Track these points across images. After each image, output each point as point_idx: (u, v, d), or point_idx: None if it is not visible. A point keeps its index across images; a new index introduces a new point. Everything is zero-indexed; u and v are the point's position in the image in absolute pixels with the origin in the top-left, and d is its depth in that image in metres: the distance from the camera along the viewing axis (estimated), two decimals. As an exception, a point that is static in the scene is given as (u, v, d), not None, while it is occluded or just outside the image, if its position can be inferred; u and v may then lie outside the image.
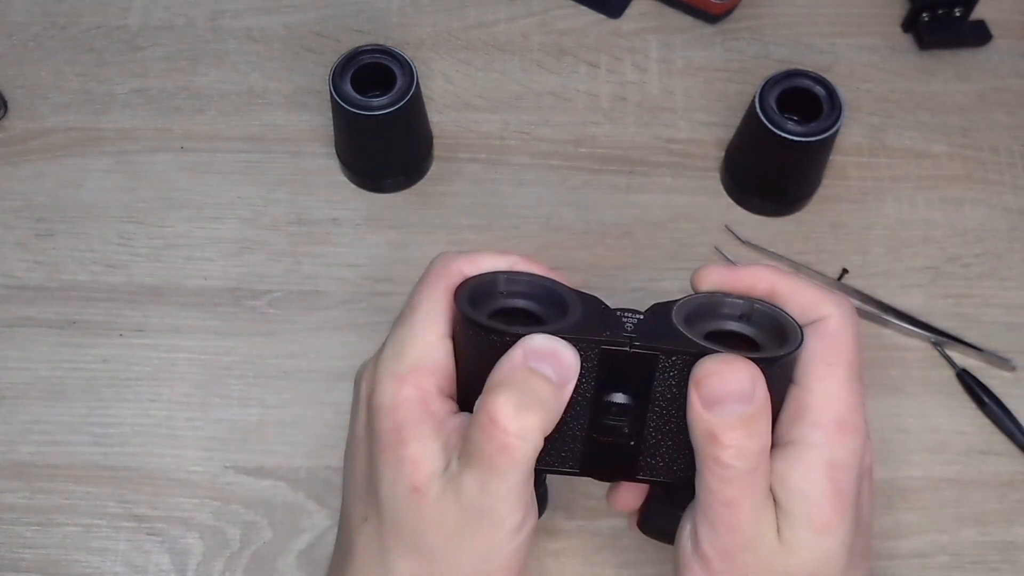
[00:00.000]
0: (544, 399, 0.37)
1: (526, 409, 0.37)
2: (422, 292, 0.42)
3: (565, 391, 0.38)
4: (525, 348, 0.38)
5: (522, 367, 0.37)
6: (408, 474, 0.38)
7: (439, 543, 0.39)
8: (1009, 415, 0.56)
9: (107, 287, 0.60)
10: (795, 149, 0.56)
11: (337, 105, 0.56)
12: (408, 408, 0.39)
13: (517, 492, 0.38)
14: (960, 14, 0.66)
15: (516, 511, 0.38)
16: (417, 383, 0.40)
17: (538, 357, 0.37)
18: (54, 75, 0.66)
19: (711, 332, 0.42)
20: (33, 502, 0.55)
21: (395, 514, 0.39)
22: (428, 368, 0.40)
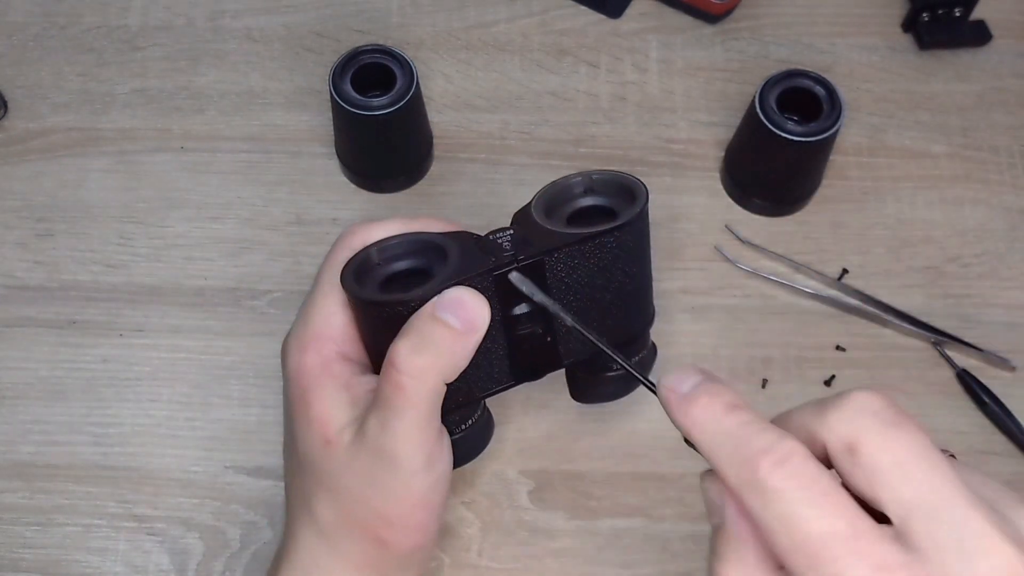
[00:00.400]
0: (440, 344, 0.40)
1: (420, 352, 0.40)
2: (323, 266, 0.45)
3: (470, 337, 0.40)
4: (436, 301, 0.40)
5: (427, 316, 0.40)
6: (318, 431, 0.42)
7: (352, 485, 0.42)
8: (1009, 415, 0.56)
9: (107, 287, 0.60)
10: (795, 149, 0.56)
11: (337, 105, 0.56)
12: (310, 373, 0.43)
13: (416, 432, 0.40)
14: (960, 14, 0.66)
15: (418, 451, 0.41)
16: (318, 349, 0.43)
17: (443, 307, 0.40)
18: (54, 75, 0.66)
19: (570, 214, 0.45)
20: (33, 502, 0.55)
21: (311, 465, 0.43)
22: (327, 335, 0.43)
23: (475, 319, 0.41)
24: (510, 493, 0.55)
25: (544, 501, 0.55)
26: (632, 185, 0.45)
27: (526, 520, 0.54)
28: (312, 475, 0.43)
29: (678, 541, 0.54)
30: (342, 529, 0.43)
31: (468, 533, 0.54)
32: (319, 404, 0.42)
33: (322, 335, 0.43)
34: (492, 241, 0.43)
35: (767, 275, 0.60)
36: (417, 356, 0.40)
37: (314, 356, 0.43)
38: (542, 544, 0.54)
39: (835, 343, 0.58)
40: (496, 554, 0.53)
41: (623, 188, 0.46)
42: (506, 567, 0.53)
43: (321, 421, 0.42)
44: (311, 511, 0.43)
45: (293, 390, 0.43)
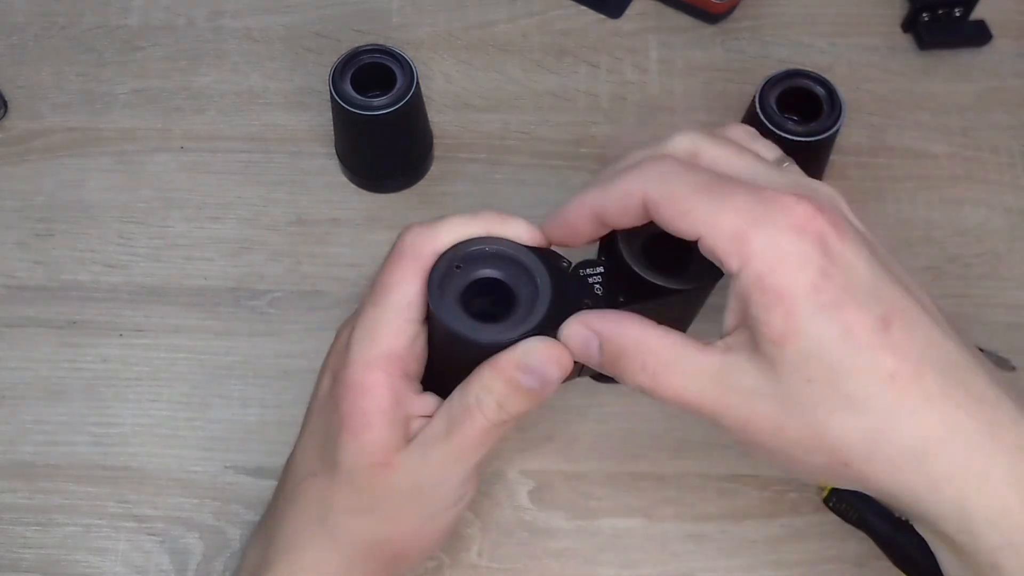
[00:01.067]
0: (523, 405, 0.40)
1: (506, 411, 0.40)
2: (394, 273, 0.42)
3: (547, 391, 0.40)
4: (521, 362, 0.39)
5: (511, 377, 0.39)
6: (371, 453, 0.41)
7: (391, 507, 0.42)
8: (1009, 415, 0.56)
9: (107, 287, 0.60)
10: (795, 149, 0.56)
11: (337, 105, 0.56)
12: (376, 394, 0.41)
13: (475, 470, 0.42)
14: (960, 14, 0.66)
15: (464, 485, 0.42)
16: (387, 368, 0.41)
17: (527, 371, 0.39)
18: (54, 75, 0.66)
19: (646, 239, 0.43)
20: (33, 502, 0.55)
21: (352, 482, 0.42)
22: (396, 353, 0.41)
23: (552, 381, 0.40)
24: (510, 493, 0.55)
25: (544, 501, 0.55)
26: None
27: (526, 520, 0.54)
28: (348, 488, 0.42)
29: (678, 541, 0.54)
30: (362, 544, 0.43)
31: (468, 533, 0.54)
32: (380, 430, 0.41)
33: (391, 353, 0.41)
34: (583, 279, 0.42)
35: (767, 275, 0.60)
36: (502, 413, 0.40)
37: (381, 376, 0.41)
38: (542, 544, 0.54)
39: (835, 343, 0.58)
40: (496, 554, 0.53)
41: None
42: (506, 567, 0.53)
43: (380, 446, 0.41)
44: (332, 520, 0.43)
45: (352, 404, 0.41)
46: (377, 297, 0.42)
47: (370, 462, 0.41)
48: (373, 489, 0.42)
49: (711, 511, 0.54)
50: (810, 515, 0.54)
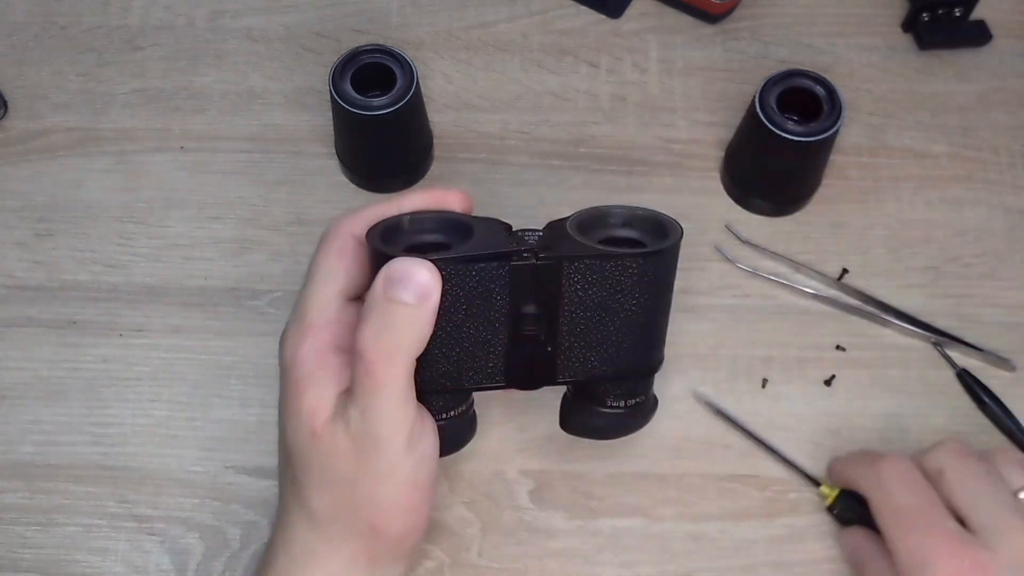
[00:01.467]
0: (400, 322, 0.41)
1: (382, 335, 0.40)
2: (316, 257, 0.45)
3: (425, 307, 0.41)
4: (383, 276, 0.41)
5: (381, 297, 0.40)
6: (306, 421, 0.43)
7: (341, 474, 0.43)
8: (1009, 415, 0.56)
9: (107, 287, 0.60)
10: (795, 149, 0.56)
11: (337, 105, 0.56)
12: (305, 362, 0.43)
13: (394, 412, 0.42)
14: (960, 14, 0.66)
15: (399, 431, 0.42)
16: (313, 339, 0.43)
17: (393, 283, 0.40)
18: (54, 75, 0.66)
19: (602, 239, 0.45)
20: (33, 502, 0.55)
21: (301, 457, 0.43)
22: (322, 324, 0.44)
23: (426, 287, 0.41)
24: (510, 493, 0.55)
25: (544, 501, 0.55)
26: (668, 225, 0.45)
27: (526, 520, 0.54)
28: (301, 466, 0.44)
29: (678, 541, 0.54)
30: (335, 518, 0.44)
31: (468, 533, 0.54)
32: (308, 396, 0.43)
33: (317, 324, 0.44)
34: (519, 235, 0.44)
35: (767, 275, 0.60)
36: (380, 340, 0.41)
37: (309, 346, 0.43)
38: (542, 544, 0.54)
39: (835, 343, 0.58)
40: (496, 554, 0.53)
41: (659, 227, 0.46)
42: (506, 567, 0.53)
43: (309, 412, 0.43)
44: (304, 502, 0.44)
45: (287, 379, 0.44)
46: (305, 281, 0.45)
47: (308, 430, 0.42)
48: (320, 460, 0.43)
49: (711, 511, 0.54)
50: (810, 515, 0.54)
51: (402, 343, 0.41)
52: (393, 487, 0.43)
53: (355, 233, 0.45)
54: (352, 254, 0.45)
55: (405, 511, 0.44)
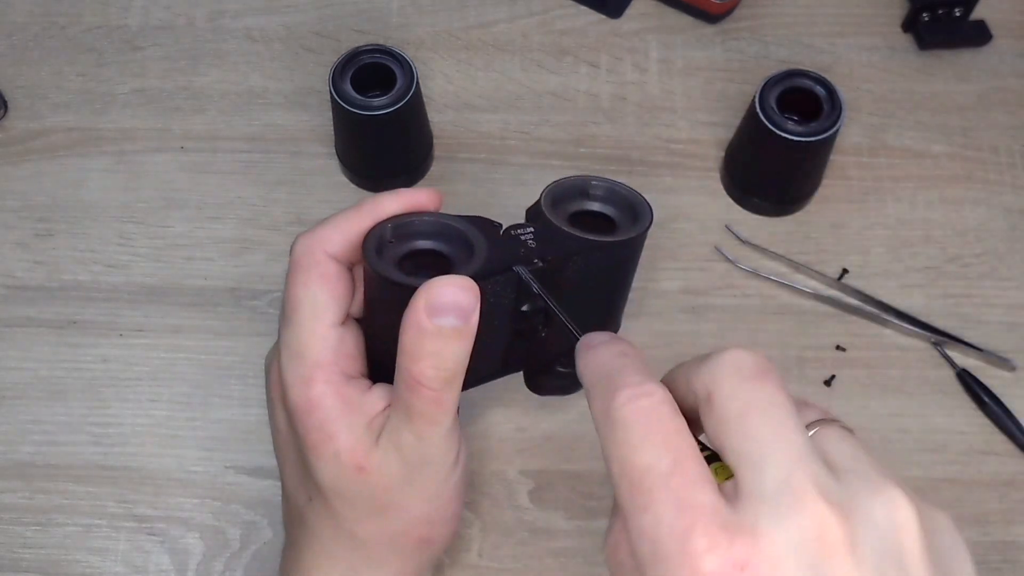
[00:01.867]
0: (453, 347, 0.39)
1: (443, 366, 0.39)
2: (296, 287, 0.42)
3: (471, 325, 0.39)
4: (425, 304, 0.38)
5: (429, 327, 0.38)
6: (348, 461, 0.41)
7: (390, 500, 0.42)
8: (1009, 415, 0.56)
9: (107, 287, 0.60)
10: (795, 149, 0.56)
11: (337, 105, 0.56)
12: (325, 405, 0.41)
13: (450, 434, 0.41)
14: (960, 14, 0.66)
15: (451, 450, 0.42)
16: (325, 378, 0.41)
17: (437, 311, 0.38)
18: (54, 75, 0.66)
19: (572, 213, 0.46)
20: (33, 502, 0.55)
21: (341, 493, 0.42)
22: (328, 360, 0.41)
23: (469, 307, 0.39)
24: (510, 493, 0.55)
25: (544, 501, 0.55)
26: (638, 204, 0.46)
27: (526, 520, 0.54)
28: (342, 501, 0.42)
29: (678, 541, 0.54)
30: (385, 541, 0.43)
31: (468, 533, 0.54)
32: (344, 437, 0.41)
33: (323, 362, 0.41)
34: (515, 237, 0.44)
35: (767, 275, 0.60)
36: (439, 370, 0.39)
37: (323, 387, 0.41)
38: (542, 544, 0.54)
39: (835, 343, 0.58)
40: (496, 554, 0.53)
41: (629, 205, 0.46)
42: (506, 567, 0.53)
43: (350, 452, 0.41)
44: (347, 531, 0.43)
45: (307, 424, 0.41)
46: (289, 315, 0.42)
47: (347, 471, 0.41)
48: (364, 495, 0.42)
49: (711, 511, 0.54)
50: (810, 515, 0.54)
51: (456, 367, 0.40)
52: (443, 502, 0.43)
53: (331, 253, 0.42)
54: (335, 280, 0.42)
55: (451, 520, 0.45)
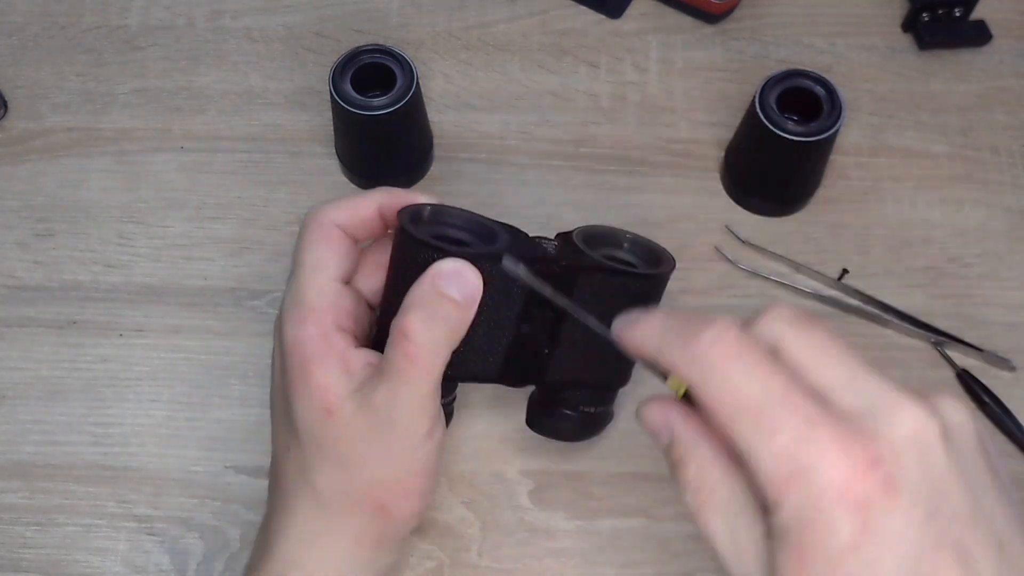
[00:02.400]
0: (448, 316, 0.42)
1: (430, 324, 0.41)
2: (302, 247, 0.45)
3: (469, 309, 0.43)
4: (434, 272, 0.42)
5: (431, 289, 0.42)
6: (319, 400, 0.42)
7: (355, 453, 0.43)
8: (1009, 415, 0.56)
9: (107, 287, 0.60)
10: (795, 149, 0.56)
11: (337, 105, 0.56)
12: (310, 344, 0.43)
13: (423, 401, 0.42)
14: (960, 14, 0.66)
15: (423, 419, 0.42)
16: (316, 321, 0.44)
17: (444, 279, 0.42)
18: (54, 75, 0.66)
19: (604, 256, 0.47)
20: (33, 502, 0.55)
21: (311, 436, 0.43)
22: (323, 308, 0.44)
23: (473, 292, 0.43)
24: (510, 493, 0.55)
25: (544, 501, 0.55)
26: (662, 255, 0.49)
27: (526, 520, 0.54)
28: (312, 445, 0.43)
29: (678, 541, 0.54)
30: (343, 499, 0.44)
31: (468, 533, 0.54)
32: (320, 375, 0.43)
33: (319, 307, 0.44)
34: (538, 242, 0.46)
35: (767, 275, 0.60)
36: (428, 328, 0.41)
37: (313, 328, 0.43)
38: (542, 544, 0.54)
39: (835, 343, 0.58)
40: (496, 554, 0.53)
41: (653, 256, 0.49)
42: (506, 567, 0.53)
43: (322, 391, 0.43)
44: (310, 482, 0.44)
45: (291, 361, 0.44)
46: (294, 270, 0.45)
47: (322, 409, 0.42)
48: (334, 439, 0.43)
49: (711, 511, 0.54)
50: (810, 515, 0.54)
51: (447, 335, 0.42)
52: (407, 470, 0.44)
53: (338, 222, 0.45)
54: (338, 242, 0.45)
55: (414, 494, 0.45)
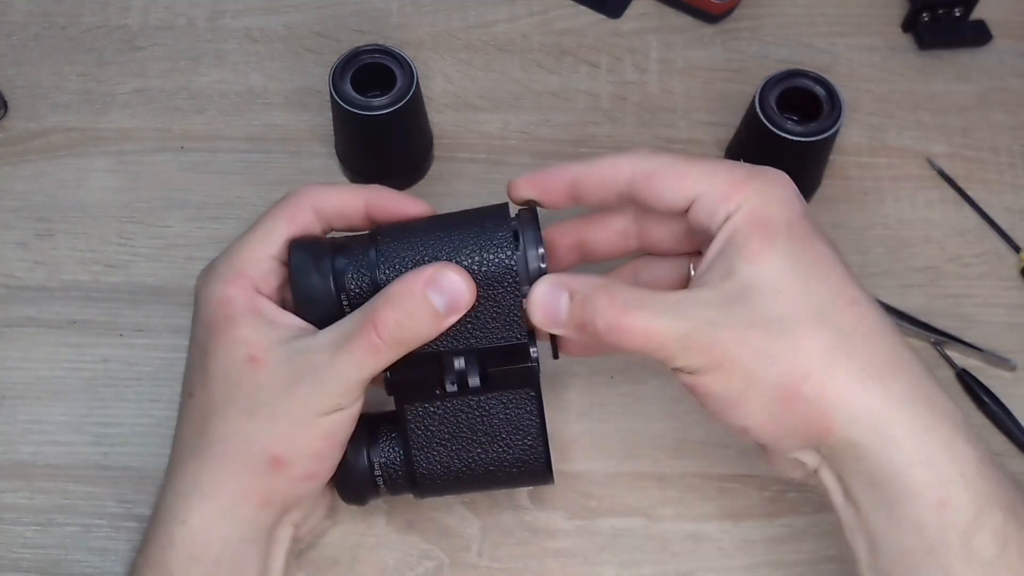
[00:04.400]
0: (424, 324, 0.42)
1: (404, 327, 0.42)
2: (266, 216, 0.46)
3: (448, 320, 0.43)
4: (428, 275, 0.42)
5: (419, 290, 0.42)
6: (242, 348, 0.43)
7: (268, 401, 0.43)
8: (1009, 415, 0.56)
9: (107, 287, 0.60)
10: (795, 149, 0.56)
11: (337, 105, 0.56)
12: (236, 302, 0.44)
13: (361, 383, 0.43)
14: (960, 14, 0.66)
15: (353, 394, 0.43)
16: (244, 286, 0.44)
17: (435, 286, 0.42)
18: (54, 75, 0.66)
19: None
20: (33, 502, 0.55)
21: (226, 382, 0.43)
22: (254, 275, 0.45)
23: (461, 308, 0.43)
24: (510, 493, 0.55)
25: (544, 501, 0.54)
26: None
27: (526, 520, 0.54)
28: (222, 391, 0.44)
29: (678, 541, 0.54)
30: (239, 447, 0.43)
31: (468, 533, 0.54)
32: (246, 326, 0.43)
33: (249, 274, 0.44)
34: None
35: (767, 275, 0.60)
36: (401, 326, 0.42)
37: (237, 290, 0.44)
38: (542, 544, 0.54)
39: (835, 343, 0.58)
40: (496, 554, 0.53)
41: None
42: (506, 567, 0.53)
43: (247, 341, 0.43)
44: (208, 431, 0.44)
45: (216, 314, 0.44)
46: (245, 232, 0.46)
47: (239, 360, 0.43)
48: (245, 385, 0.43)
49: (711, 511, 0.54)
50: (810, 515, 0.54)
51: (412, 337, 0.42)
52: (311, 429, 0.43)
53: (317, 206, 0.46)
54: (300, 225, 0.46)
55: (312, 457, 0.44)
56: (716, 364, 0.40)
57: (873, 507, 0.40)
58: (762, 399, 0.40)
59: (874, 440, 0.39)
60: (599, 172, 0.45)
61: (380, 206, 0.46)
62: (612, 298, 0.41)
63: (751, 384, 0.40)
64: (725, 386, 0.40)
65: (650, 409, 0.56)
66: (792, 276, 0.40)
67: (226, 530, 0.43)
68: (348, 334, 0.42)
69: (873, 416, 0.39)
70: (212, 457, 0.44)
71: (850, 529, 0.41)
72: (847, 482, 0.41)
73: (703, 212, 0.42)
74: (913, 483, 0.39)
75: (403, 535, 0.53)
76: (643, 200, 0.44)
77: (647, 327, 0.40)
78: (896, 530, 0.39)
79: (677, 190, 0.43)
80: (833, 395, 0.39)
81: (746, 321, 0.40)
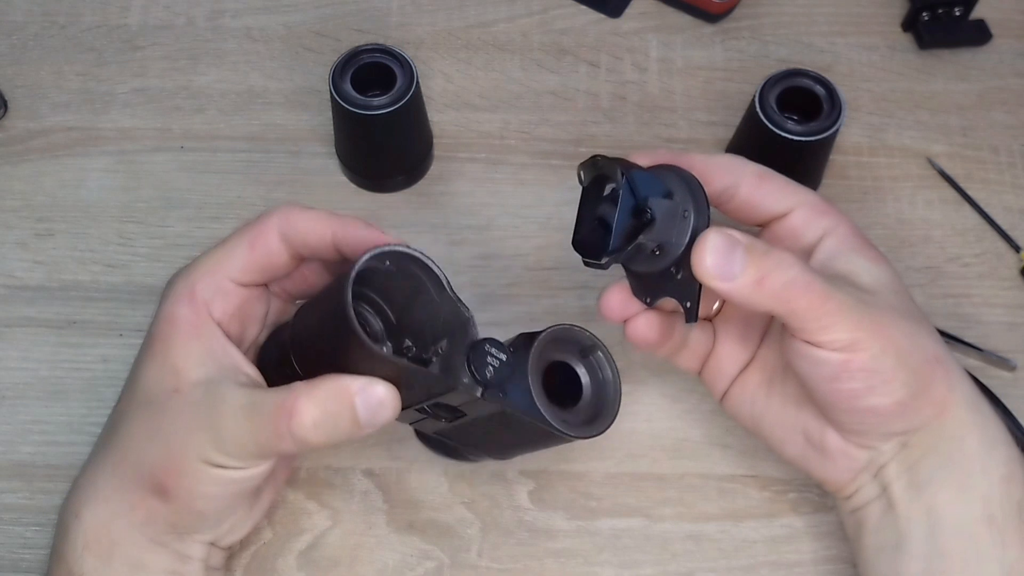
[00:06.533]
0: (339, 431, 0.41)
1: (320, 428, 0.41)
2: (234, 233, 0.46)
3: (363, 432, 0.41)
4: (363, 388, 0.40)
5: (346, 396, 0.40)
6: (170, 376, 0.43)
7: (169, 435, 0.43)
8: (1009, 415, 0.56)
9: (107, 287, 0.60)
10: (795, 149, 0.56)
11: (337, 105, 0.56)
12: (182, 323, 0.44)
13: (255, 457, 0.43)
14: (960, 14, 0.66)
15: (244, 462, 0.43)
16: (196, 309, 0.44)
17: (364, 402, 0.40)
18: (54, 75, 0.66)
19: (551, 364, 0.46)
20: (33, 502, 0.55)
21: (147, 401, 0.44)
22: (204, 298, 0.45)
23: (381, 423, 0.41)
24: (510, 493, 0.55)
25: (544, 501, 0.55)
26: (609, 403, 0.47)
27: (526, 520, 0.54)
28: (137, 406, 0.44)
29: (678, 541, 0.54)
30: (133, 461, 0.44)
31: (468, 533, 0.54)
32: (180, 355, 0.43)
33: (199, 294, 0.45)
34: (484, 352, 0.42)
35: (767, 275, 0.60)
36: (316, 431, 0.41)
37: (189, 312, 0.44)
38: (542, 544, 0.54)
39: (835, 343, 0.58)
40: (496, 554, 0.53)
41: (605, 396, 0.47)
42: (506, 567, 0.53)
43: (176, 370, 0.43)
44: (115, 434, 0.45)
45: (158, 330, 0.45)
46: (217, 245, 0.46)
47: (171, 384, 0.43)
48: (157, 409, 0.43)
49: (711, 511, 0.54)
50: (810, 515, 0.54)
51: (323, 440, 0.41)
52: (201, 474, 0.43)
53: (282, 231, 0.45)
54: (269, 254, 0.45)
55: (200, 497, 0.44)
56: (873, 339, 0.42)
57: (943, 485, 0.44)
58: (908, 377, 0.43)
59: (976, 418, 0.45)
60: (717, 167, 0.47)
61: (346, 239, 0.44)
62: (779, 260, 0.42)
63: (902, 362, 0.43)
64: (881, 361, 0.42)
65: (650, 409, 0.56)
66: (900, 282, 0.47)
67: (116, 532, 0.44)
68: (262, 409, 0.41)
69: (974, 399, 0.45)
70: (110, 463, 0.45)
71: (905, 517, 0.45)
72: (918, 466, 0.44)
73: (799, 219, 0.47)
74: (990, 461, 0.44)
75: (403, 535, 0.53)
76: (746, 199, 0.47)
77: (825, 290, 0.42)
78: (964, 503, 0.44)
79: (780, 196, 0.48)
80: (954, 378, 0.45)
81: (890, 308, 0.44)
